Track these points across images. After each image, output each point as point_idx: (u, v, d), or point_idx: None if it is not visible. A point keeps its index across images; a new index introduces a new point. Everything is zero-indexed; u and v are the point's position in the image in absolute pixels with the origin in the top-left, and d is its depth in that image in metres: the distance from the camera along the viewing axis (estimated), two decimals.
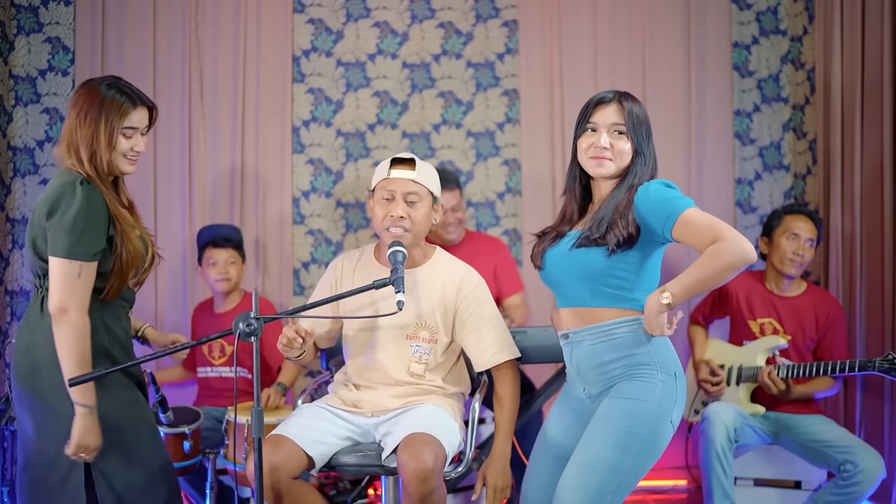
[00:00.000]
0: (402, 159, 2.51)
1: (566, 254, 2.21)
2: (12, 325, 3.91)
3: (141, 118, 2.36)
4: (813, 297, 3.36)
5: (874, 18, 3.48)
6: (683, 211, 2.08)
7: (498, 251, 3.73)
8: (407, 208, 2.47)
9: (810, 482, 3.31)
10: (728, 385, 3.31)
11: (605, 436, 2.11)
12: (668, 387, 2.14)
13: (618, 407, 2.14)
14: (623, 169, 2.21)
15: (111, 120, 2.29)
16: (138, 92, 2.38)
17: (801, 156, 4.05)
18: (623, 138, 2.19)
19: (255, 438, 2.04)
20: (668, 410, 2.14)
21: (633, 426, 2.10)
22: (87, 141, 2.29)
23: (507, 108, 4.10)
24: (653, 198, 2.12)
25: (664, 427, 2.13)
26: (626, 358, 2.16)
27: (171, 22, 3.96)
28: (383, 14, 4.09)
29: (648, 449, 2.12)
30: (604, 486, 2.07)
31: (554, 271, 2.26)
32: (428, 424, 2.37)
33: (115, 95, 2.32)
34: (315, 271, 4.06)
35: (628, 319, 2.17)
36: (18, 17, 3.94)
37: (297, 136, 4.07)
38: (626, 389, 2.15)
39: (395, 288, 2.28)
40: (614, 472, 2.08)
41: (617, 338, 2.17)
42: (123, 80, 2.40)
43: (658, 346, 2.17)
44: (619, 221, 2.13)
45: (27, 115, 3.94)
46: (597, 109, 2.22)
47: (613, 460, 2.08)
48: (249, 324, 2.03)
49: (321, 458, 2.42)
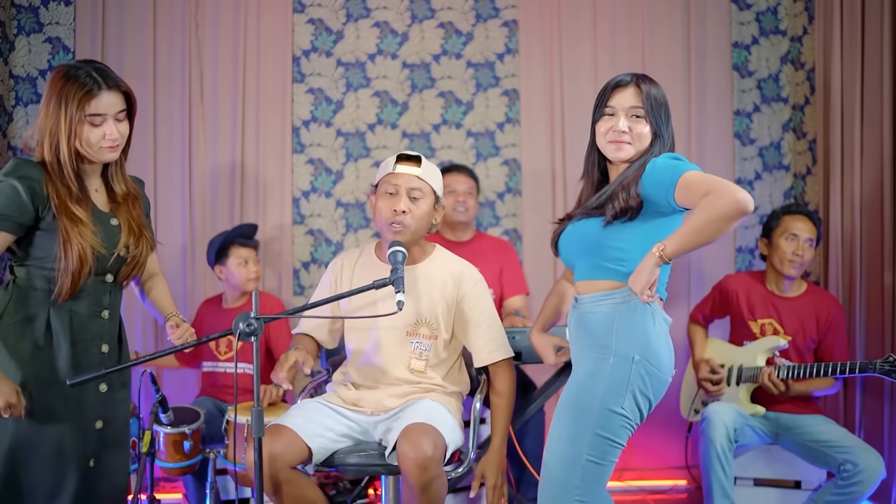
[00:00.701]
0: (408, 156, 2.53)
1: (570, 227, 2.24)
2: None
3: (110, 103, 2.20)
4: (813, 297, 3.36)
5: (874, 18, 3.48)
6: (684, 173, 2.04)
7: (506, 253, 3.74)
8: (409, 203, 2.48)
9: (810, 482, 3.31)
10: (728, 385, 3.31)
11: (560, 429, 2.11)
12: (619, 372, 2.07)
13: (569, 394, 2.14)
14: (642, 152, 2.19)
15: (70, 107, 2.15)
16: (108, 75, 2.21)
17: (801, 156, 4.05)
18: (642, 122, 2.17)
19: (254, 438, 2.04)
20: (618, 397, 2.07)
21: (580, 415, 2.08)
22: (50, 129, 2.16)
23: (507, 108, 4.10)
24: (658, 168, 2.09)
25: (612, 415, 2.06)
26: (591, 336, 2.15)
27: (171, 22, 3.96)
28: (383, 14, 4.09)
29: (600, 439, 2.07)
30: (567, 481, 2.06)
31: (564, 248, 2.27)
32: (427, 416, 2.38)
33: (79, 79, 2.16)
34: (315, 271, 4.06)
35: (612, 293, 2.13)
36: (19, 17, 3.94)
37: (297, 136, 4.07)
38: (579, 373, 2.15)
39: (395, 288, 2.28)
40: (574, 466, 2.06)
41: (594, 313, 2.15)
42: (98, 62, 2.25)
43: (623, 328, 2.10)
44: (620, 194, 2.11)
45: (27, 115, 3.95)
46: (615, 93, 2.19)
47: (570, 454, 2.07)
48: (249, 324, 2.04)
49: (320, 451, 2.42)
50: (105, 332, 2.30)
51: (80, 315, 2.25)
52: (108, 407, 2.31)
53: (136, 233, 2.31)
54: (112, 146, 2.23)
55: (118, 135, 2.22)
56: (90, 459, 2.26)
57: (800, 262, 3.28)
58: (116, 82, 2.22)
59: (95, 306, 2.27)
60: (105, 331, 2.30)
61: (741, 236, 4.07)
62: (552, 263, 4.01)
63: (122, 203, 2.32)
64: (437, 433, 2.31)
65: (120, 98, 2.22)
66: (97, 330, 2.28)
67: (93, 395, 2.27)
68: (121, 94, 2.23)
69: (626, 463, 3.85)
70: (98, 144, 2.20)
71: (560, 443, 2.10)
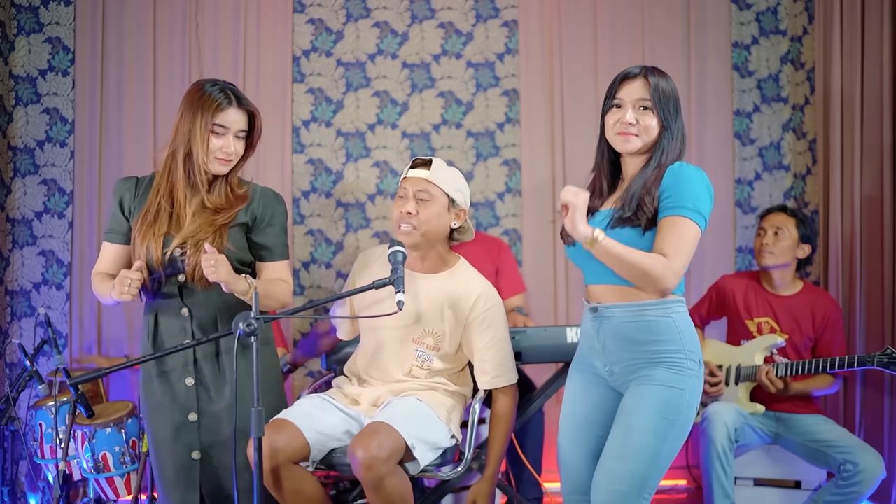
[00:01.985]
0: (422, 160, 2.56)
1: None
2: (12, 325, 3.91)
3: (235, 119, 2.39)
4: (809, 296, 3.36)
5: (874, 18, 3.48)
6: (687, 218, 2.05)
7: (500, 253, 3.73)
8: (416, 206, 2.49)
9: (810, 482, 3.31)
10: (727, 385, 3.31)
11: (645, 424, 2.09)
12: (698, 375, 2.14)
13: (653, 394, 2.10)
14: (650, 144, 2.19)
15: (205, 115, 2.35)
16: (240, 95, 2.42)
17: (800, 156, 4.05)
18: (649, 114, 2.17)
19: (254, 438, 2.04)
20: (698, 398, 2.15)
21: (670, 413, 2.09)
22: (183, 137, 2.37)
23: (507, 108, 4.10)
24: (682, 177, 2.10)
25: (693, 414, 2.13)
26: (657, 342, 2.12)
27: (171, 22, 3.96)
28: (383, 14, 4.09)
29: (682, 435, 2.12)
30: (647, 474, 2.08)
31: (584, 252, 2.17)
32: (391, 416, 2.38)
33: (213, 94, 2.37)
34: (315, 271, 4.07)
35: (663, 302, 2.13)
36: (19, 17, 3.95)
37: (297, 136, 4.08)
38: (659, 376, 2.11)
39: (395, 288, 2.29)
40: (656, 460, 2.08)
41: (651, 321, 2.13)
42: (231, 84, 2.44)
43: (688, 335, 2.14)
44: (646, 198, 2.11)
45: (27, 115, 3.95)
46: (623, 85, 2.20)
47: (655, 448, 2.08)
48: (249, 324, 2.04)
49: (319, 447, 2.43)
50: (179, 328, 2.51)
51: (169, 314, 2.53)
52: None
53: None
54: (226, 159, 2.40)
55: (233, 150, 2.39)
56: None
57: (770, 252, 3.30)
58: (247, 104, 2.42)
59: (173, 303, 2.51)
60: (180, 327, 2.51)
61: (741, 236, 4.07)
62: (551, 263, 4.01)
63: (214, 213, 2.46)
64: (391, 432, 2.31)
65: (244, 118, 2.41)
66: (179, 325, 2.52)
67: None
68: (246, 115, 2.41)
69: None
70: (214, 154, 2.37)
71: (644, 436, 2.08)
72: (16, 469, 3.57)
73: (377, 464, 2.25)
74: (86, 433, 3.03)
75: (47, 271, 3.95)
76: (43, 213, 3.96)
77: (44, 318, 2.98)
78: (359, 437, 2.31)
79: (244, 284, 2.35)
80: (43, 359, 3.79)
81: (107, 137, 3.94)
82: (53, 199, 3.96)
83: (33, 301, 3.94)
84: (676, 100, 2.21)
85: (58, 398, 3.10)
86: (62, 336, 3.90)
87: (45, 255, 3.95)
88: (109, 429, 3.04)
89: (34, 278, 3.95)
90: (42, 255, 3.95)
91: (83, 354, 3.88)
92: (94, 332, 3.90)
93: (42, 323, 3.01)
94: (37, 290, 3.95)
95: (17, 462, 3.56)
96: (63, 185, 3.96)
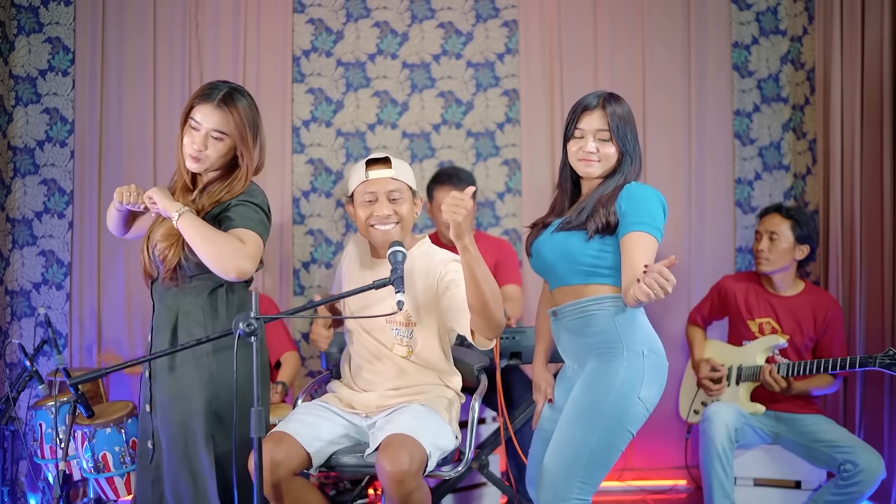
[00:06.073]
0: (376, 159, 2.54)
1: (548, 237, 2.38)
2: (12, 325, 3.91)
3: (208, 115, 2.32)
4: (810, 296, 3.36)
5: (874, 18, 3.48)
6: (643, 231, 2.20)
7: (501, 249, 3.74)
8: (392, 206, 2.51)
9: (810, 482, 3.31)
10: (728, 385, 3.31)
11: (571, 415, 2.25)
12: (634, 364, 2.24)
13: (583, 386, 2.27)
14: (610, 169, 2.38)
15: (188, 107, 2.36)
16: (223, 93, 2.34)
17: (800, 156, 4.05)
18: (608, 143, 2.35)
19: (255, 438, 2.04)
20: (635, 387, 2.23)
21: (595, 403, 2.23)
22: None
23: (507, 108, 4.10)
24: (637, 196, 2.26)
25: (631, 403, 2.23)
26: (597, 335, 2.29)
27: (171, 22, 3.96)
28: (383, 14, 4.09)
29: (614, 425, 2.22)
30: (573, 461, 2.21)
31: (539, 256, 2.41)
32: (410, 426, 2.37)
33: (203, 87, 2.37)
34: (315, 271, 4.07)
35: (603, 297, 2.29)
36: (19, 17, 3.95)
37: (297, 136, 4.08)
38: (593, 368, 2.28)
39: (395, 288, 2.28)
40: (582, 448, 2.21)
41: (591, 314, 2.30)
42: (238, 86, 2.42)
43: (626, 325, 2.27)
44: (601, 210, 2.29)
45: (27, 115, 3.95)
46: (583, 116, 2.38)
47: (581, 437, 2.22)
48: (249, 324, 2.04)
49: (321, 456, 2.43)
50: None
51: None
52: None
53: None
54: (195, 156, 2.34)
55: (202, 148, 2.32)
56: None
57: (766, 258, 3.32)
58: (227, 104, 2.32)
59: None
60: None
61: (741, 236, 4.07)
62: None
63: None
64: (416, 445, 2.30)
65: (224, 120, 2.32)
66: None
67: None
68: (229, 117, 2.32)
69: (626, 463, 3.86)
70: (186, 149, 2.34)
71: (570, 426, 2.24)
72: (16, 469, 3.57)
73: (408, 479, 2.25)
74: (86, 433, 3.03)
75: (47, 271, 3.95)
76: (43, 213, 3.96)
77: (44, 318, 2.98)
78: (386, 450, 2.28)
79: (175, 205, 2.30)
80: (43, 359, 3.80)
81: (107, 137, 3.94)
82: (53, 199, 3.96)
83: (33, 301, 3.94)
84: (633, 125, 2.38)
85: (58, 398, 3.10)
86: (62, 336, 3.90)
87: (45, 255, 3.95)
88: (109, 429, 3.04)
89: (34, 278, 3.95)
90: (42, 255, 3.95)
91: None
92: (94, 332, 3.90)
93: (42, 323, 3.01)
94: (37, 290, 3.95)
95: (17, 462, 3.56)
96: (63, 185, 3.96)
